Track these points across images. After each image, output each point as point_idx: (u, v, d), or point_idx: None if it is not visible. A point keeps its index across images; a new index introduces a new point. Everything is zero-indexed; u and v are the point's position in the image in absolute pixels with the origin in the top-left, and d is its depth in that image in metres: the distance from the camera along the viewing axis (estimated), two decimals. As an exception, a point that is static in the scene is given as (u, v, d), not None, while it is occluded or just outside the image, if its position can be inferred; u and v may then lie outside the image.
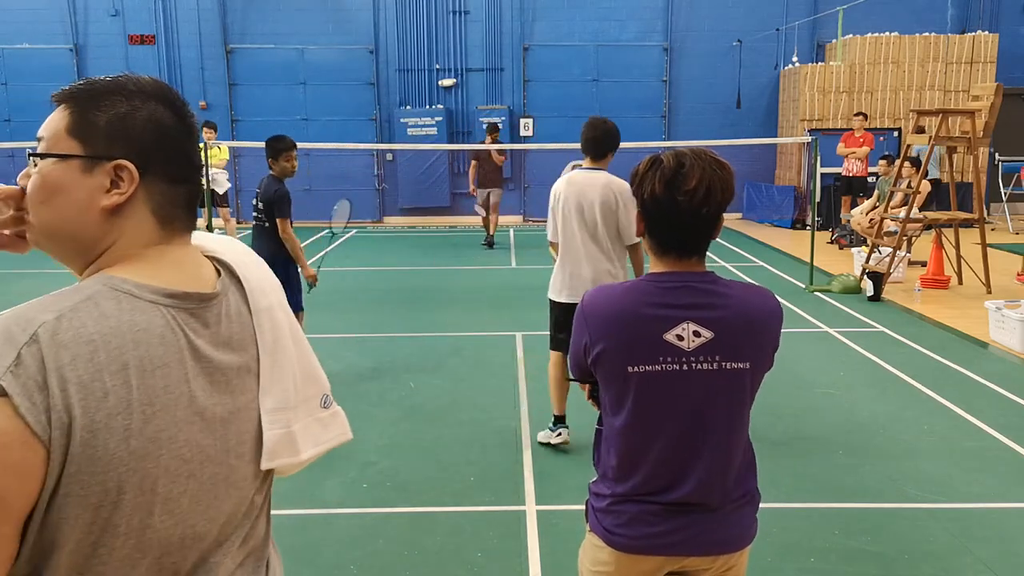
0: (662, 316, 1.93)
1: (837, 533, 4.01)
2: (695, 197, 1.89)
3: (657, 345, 1.91)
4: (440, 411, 5.74)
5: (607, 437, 2.05)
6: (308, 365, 1.36)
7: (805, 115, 15.20)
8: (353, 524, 4.16)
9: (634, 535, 1.99)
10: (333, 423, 1.40)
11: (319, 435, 1.36)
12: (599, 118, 4.82)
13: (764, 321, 1.98)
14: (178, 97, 1.29)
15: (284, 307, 1.33)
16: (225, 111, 16.49)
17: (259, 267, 1.34)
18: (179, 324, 1.16)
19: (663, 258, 2.00)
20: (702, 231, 1.96)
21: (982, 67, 15.23)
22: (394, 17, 16.39)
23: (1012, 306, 7.24)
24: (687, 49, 16.59)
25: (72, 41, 16.05)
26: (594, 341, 1.97)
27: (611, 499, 2.02)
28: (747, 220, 16.35)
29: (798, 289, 9.71)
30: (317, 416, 1.36)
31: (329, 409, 1.39)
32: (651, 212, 1.95)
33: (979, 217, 9.66)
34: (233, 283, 1.28)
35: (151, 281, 1.17)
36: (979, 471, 4.73)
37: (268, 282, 1.33)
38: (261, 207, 5.89)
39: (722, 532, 2.01)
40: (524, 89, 16.68)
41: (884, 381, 6.35)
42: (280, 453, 1.28)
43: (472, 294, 9.68)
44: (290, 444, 1.29)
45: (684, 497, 1.95)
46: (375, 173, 16.86)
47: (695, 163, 1.90)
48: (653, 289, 1.96)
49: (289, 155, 5.96)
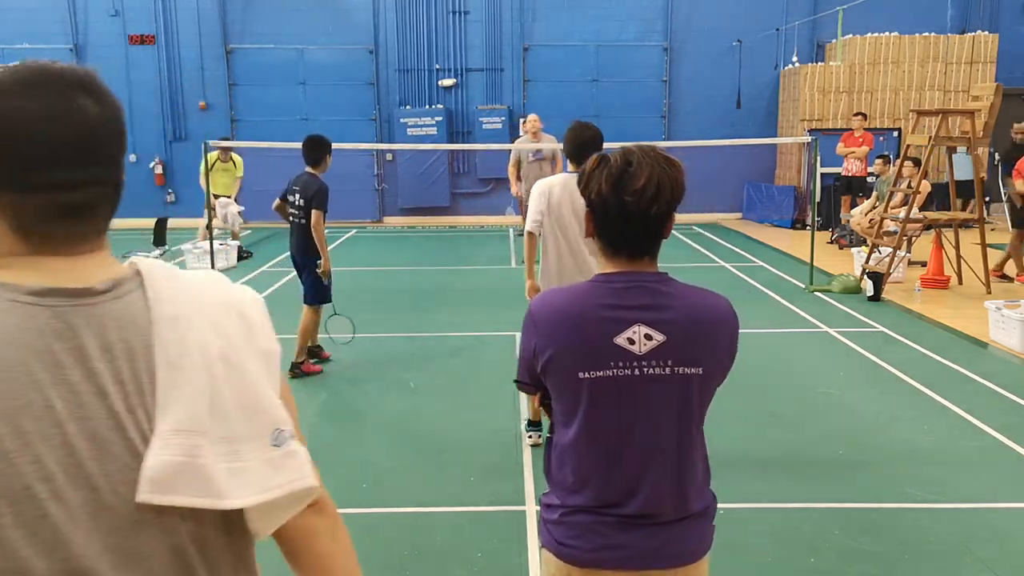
0: (612, 318, 1.86)
1: (837, 533, 4.01)
2: (644, 196, 1.83)
3: (608, 349, 1.84)
4: (440, 411, 5.74)
5: (559, 446, 1.97)
6: (251, 396, 1.13)
7: (805, 115, 15.20)
8: (353, 524, 4.15)
9: (587, 547, 1.91)
10: (285, 465, 1.14)
11: (267, 479, 1.12)
12: (580, 124, 4.76)
13: (716, 325, 1.92)
14: (56, 80, 1.07)
15: (220, 328, 1.14)
16: (225, 111, 16.48)
17: (194, 284, 1.17)
18: (40, 324, 1.02)
19: (614, 259, 1.93)
20: (652, 231, 1.89)
21: (982, 67, 15.23)
22: (394, 17, 16.38)
23: (1012, 306, 7.24)
24: (687, 49, 16.59)
25: (72, 41, 16.04)
26: (543, 346, 1.89)
27: (563, 510, 1.95)
28: (747, 220, 16.36)
29: (798, 289, 9.71)
30: (267, 456, 1.12)
31: (281, 448, 1.14)
32: (600, 212, 1.89)
33: (979, 217, 9.67)
34: (141, 289, 1.12)
35: (7, 280, 1.04)
36: (979, 471, 4.73)
37: (192, 299, 1.14)
38: (301, 203, 6.10)
39: (677, 546, 1.93)
40: (524, 89, 16.68)
41: (884, 381, 6.35)
42: (176, 487, 1.04)
43: (472, 294, 9.68)
44: (197, 479, 1.05)
45: (638, 509, 1.89)
46: (375, 173, 16.86)
47: (643, 161, 1.84)
48: (603, 290, 1.89)
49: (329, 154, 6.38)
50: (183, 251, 11.23)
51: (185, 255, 11.14)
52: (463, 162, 16.79)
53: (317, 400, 6.09)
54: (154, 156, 16.46)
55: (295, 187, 6.25)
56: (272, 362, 1.21)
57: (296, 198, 6.21)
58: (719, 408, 6.21)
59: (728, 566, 3.76)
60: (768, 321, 8.17)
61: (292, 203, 6.24)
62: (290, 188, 6.30)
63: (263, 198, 15.00)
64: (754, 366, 6.73)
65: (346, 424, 5.60)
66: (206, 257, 10.18)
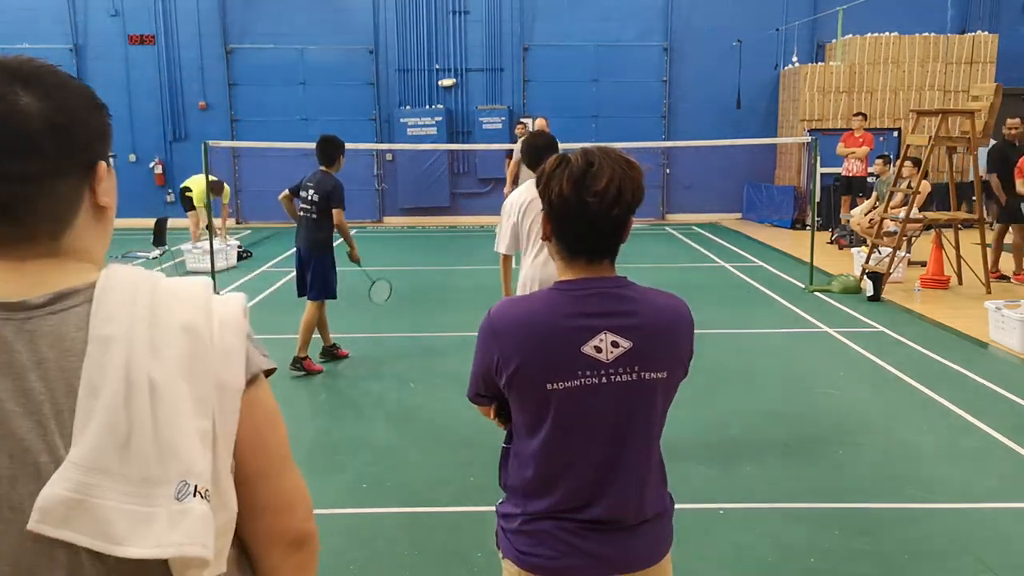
0: (578, 327, 1.82)
1: (837, 533, 4.01)
2: (605, 198, 1.78)
3: (575, 359, 1.81)
4: (440, 411, 5.74)
5: (520, 455, 1.93)
6: (168, 436, 1.03)
7: (805, 115, 15.21)
8: (353, 524, 4.16)
9: (549, 555, 1.88)
10: (183, 523, 1.02)
11: (162, 534, 1.00)
12: (533, 133, 4.80)
13: (678, 327, 1.90)
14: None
15: (160, 354, 1.05)
16: (225, 111, 16.49)
17: (156, 299, 1.09)
18: None
19: (572, 263, 1.88)
20: (612, 233, 1.85)
21: (982, 67, 15.23)
22: (394, 17, 16.39)
23: (1012, 306, 7.24)
24: (687, 49, 16.60)
25: (72, 41, 16.04)
26: (507, 359, 1.83)
27: (523, 518, 1.91)
28: (747, 220, 16.36)
29: (798, 289, 9.71)
30: (170, 508, 1.01)
31: (183, 503, 1.02)
32: (559, 214, 1.84)
33: (979, 217, 9.68)
34: (88, 303, 1.06)
35: None
36: (979, 471, 4.73)
37: (139, 318, 1.06)
38: (316, 199, 6.25)
39: (638, 549, 1.92)
40: (524, 89, 16.68)
41: (884, 381, 6.35)
42: (70, 523, 0.98)
43: (472, 294, 9.67)
44: (91, 520, 0.98)
45: (602, 515, 1.87)
46: (375, 173, 16.87)
47: (604, 162, 1.80)
48: (566, 299, 1.85)
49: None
50: (183, 251, 11.22)
51: (185, 255, 11.14)
52: (463, 162, 16.80)
53: (317, 400, 6.09)
54: (154, 156, 16.48)
55: (309, 183, 6.40)
56: (228, 397, 1.10)
57: (310, 193, 6.36)
58: (719, 408, 6.17)
59: (728, 566, 3.76)
60: (768, 321, 8.17)
61: (305, 198, 6.39)
62: (303, 184, 6.45)
63: (263, 198, 15.08)
64: (754, 366, 6.73)
65: (346, 424, 5.60)
66: (206, 257, 10.18)
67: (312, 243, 6.44)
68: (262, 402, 1.17)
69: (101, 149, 1.14)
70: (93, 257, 1.14)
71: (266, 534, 1.19)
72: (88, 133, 1.11)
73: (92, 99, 1.12)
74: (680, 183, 16.98)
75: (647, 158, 16.58)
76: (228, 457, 1.11)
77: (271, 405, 1.20)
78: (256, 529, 1.19)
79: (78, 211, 1.11)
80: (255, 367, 1.16)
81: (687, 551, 3.84)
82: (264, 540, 1.20)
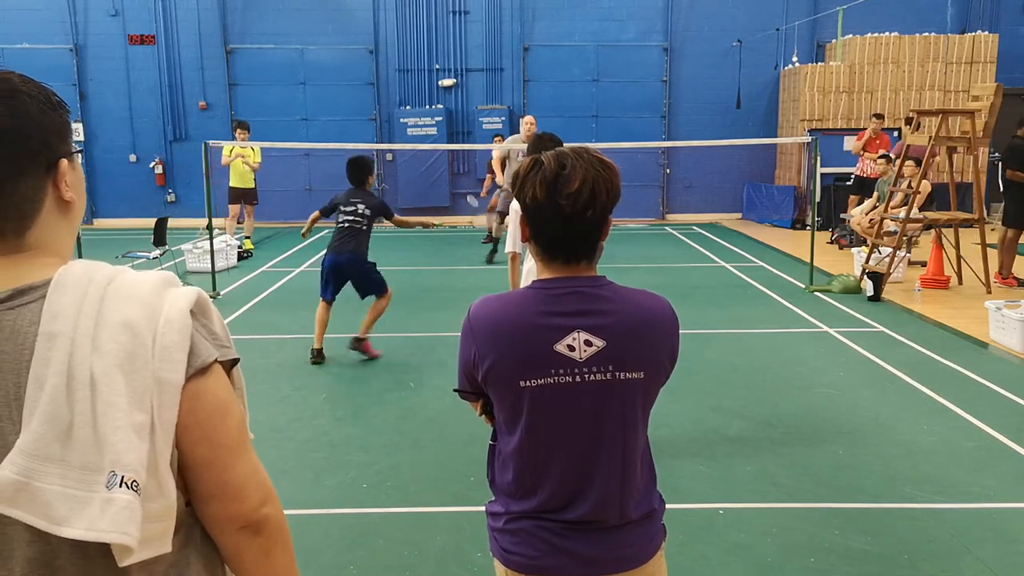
0: (551, 326, 1.83)
1: (837, 533, 4.01)
2: (578, 200, 1.79)
3: (548, 357, 1.82)
4: (440, 411, 5.74)
5: (502, 453, 1.95)
6: (103, 427, 1.09)
7: (805, 115, 15.21)
8: (353, 524, 4.16)
9: (532, 554, 1.89)
10: (108, 511, 1.09)
11: (95, 519, 1.08)
12: (540, 134, 4.64)
13: (657, 327, 1.89)
14: None
15: (103, 349, 1.11)
16: (225, 111, 16.48)
17: (108, 294, 1.14)
18: None
19: (550, 264, 1.90)
20: (588, 234, 1.85)
21: (982, 67, 15.23)
22: (394, 17, 16.39)
23: (1012, 306, 7.24)
24: (687, 49, 16.59)
25: (72, 41, 16.04)
26: (482, 355, 1.88)
27: (507, 517, 1.93)
28: (747, 220, 16.36)
29: (798, 289, 9.71)
30: (101, 495, 1.09)
31: (110, 492, 1.09)
32: (534, 216, 1.86)
33: (979, 217, 9.67)
34: (43, 299, 1.13)
35: None
36: (979, 471, 4.73)
37: (85, 314, 1.12)
38: (368, 212, 6.86)
39: (623, 549, 1.91)
40: (524, 89, 16.68)
41: (884, 381, 6.35)
42: (17, 503, 1.07)
43: (472, 294, 9.65)
44: (34, 501, 1.07)
45: (583, 515, 1.87)
46: (375, 173, 16.86)
47: (577, 164, 1.81)
48: (541, 297, 1.86)
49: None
50: (183, 251, 11.22)
51: (185, 255, 11.14)
52: (463, 162, 16.80)
53: (317, 399, 6.09)
54: (154, 156, 16.47)
55: (354, 199, 6.88)
56: (167, 392, 1.14)
57: (359, 208, 6.86)
58: (719, 407, 6.17)
59: (728, 566, 3.76)
60: (768, 321, 8.17)
61: (353, 211, 6.87)
62: (347, 200, 6.89)
63: (263, 198, 15.05)
64: (754, 366, 6.73)
65: (346, 424, 5.60)
66: (206, 257, 10.18)
67: (366, 249, 7.00)
68: (208, 393, 1.19)
69: (61, 147, 1.19)
70: (59, 251, 1.20)
71: (216, 519, 1.24)
72: (43, 133, 1.16)
73: (47, 100, 1.18)
74: (680, 183, 16.97)
75: (647, 158, 16.61)
76: (168, 447, 1.15)
77: (220, 395, 1.22)
78: (206, 514, 1.24)
79: (41, 208, 1.17)
80: (201, 360, 1.18)
81: (687, 551, 3.84)
82: (215, 525, 1.25)
